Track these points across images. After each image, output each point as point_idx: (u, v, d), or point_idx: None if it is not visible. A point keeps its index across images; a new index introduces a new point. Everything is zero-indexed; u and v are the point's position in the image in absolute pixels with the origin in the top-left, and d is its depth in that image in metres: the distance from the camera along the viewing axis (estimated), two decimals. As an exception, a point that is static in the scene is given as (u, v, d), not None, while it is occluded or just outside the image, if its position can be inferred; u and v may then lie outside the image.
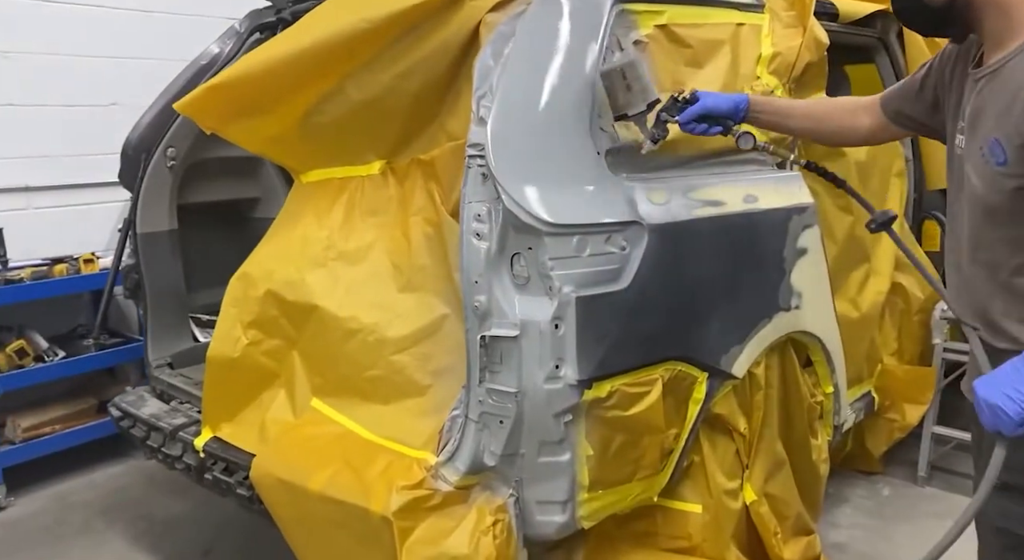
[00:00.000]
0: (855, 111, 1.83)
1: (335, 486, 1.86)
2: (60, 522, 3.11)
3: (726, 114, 1.87)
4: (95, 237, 3.77)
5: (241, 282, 2.31)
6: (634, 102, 1.81)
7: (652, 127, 1.87)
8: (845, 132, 1.86)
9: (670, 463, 2.00)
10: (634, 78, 1.80)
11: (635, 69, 1.80)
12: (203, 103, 2.20)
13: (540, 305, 1.74)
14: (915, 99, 1.69)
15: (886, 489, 3.09)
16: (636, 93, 1.81)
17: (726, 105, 1.86)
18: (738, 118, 1.89)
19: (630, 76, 1.81)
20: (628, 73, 1.81)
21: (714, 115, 1.86)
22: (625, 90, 1.82)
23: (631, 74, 1.80)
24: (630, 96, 1.82)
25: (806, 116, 1.90)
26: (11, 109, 3.58)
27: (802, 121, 1.90)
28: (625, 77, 1.81)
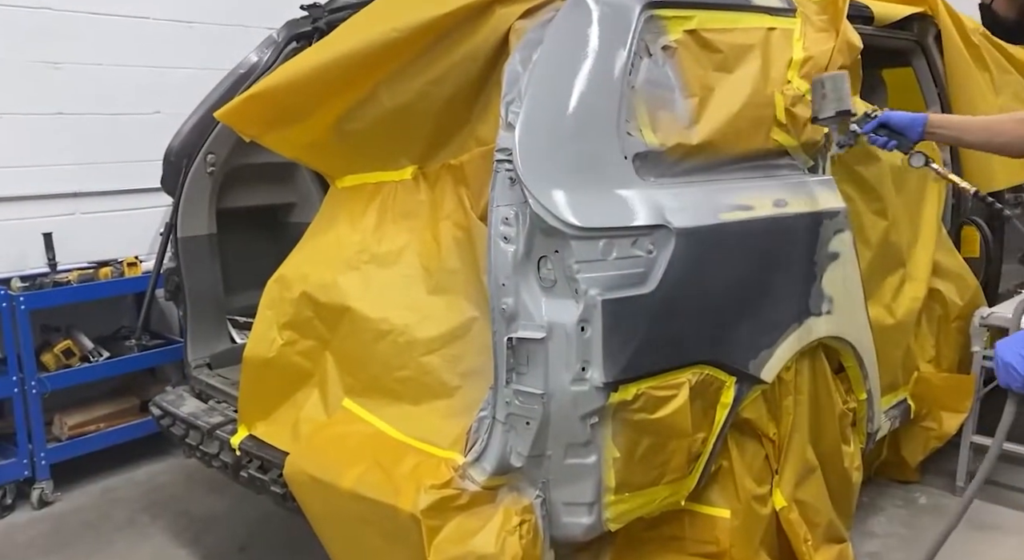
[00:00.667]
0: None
1: (365, 484, 1.89)
2: (104, 517, 3.21)
3: (904, 125, 2.10)
4: (139, 241, 3.88)
5: (277, 284, 2.37)
6: (825, 108, 2.12)
7: (842, 134, 2.18)
8: (1020, 144, 1.99)
9: (698, 467, 2.00)
10: (832, 89, 2.11)
11: (835, 81, 2.12)
12: (242, 111, 2.26)
13: (566, 308, 1.75)
14: None
15: (923, 498, 3.03)
16: (830, 101, 2.11)
17: (905, 119, 2.11)
18: (916, 132, 2.09)
19: (828, 86, 2.11)
20: (827, 84, 2.12)
21: (892, 125, 2.11)
22: (821, 97, 2.12)
23: (830, 85, 2.11)
24: (824, 103, 2.12)
25: (982, 129, 2.07)
26: (61, 118, 3.71)
27: (978, 135, 2.07)
28: (824, 86, 2.12)
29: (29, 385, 3.27)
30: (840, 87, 2.11)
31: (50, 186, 3.69)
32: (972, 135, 2.09)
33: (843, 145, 2.22)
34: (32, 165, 3.63)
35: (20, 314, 3.22)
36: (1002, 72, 3.26)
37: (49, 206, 3.68)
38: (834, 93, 2.11)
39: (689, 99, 2.02)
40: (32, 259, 3.60)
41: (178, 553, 2.90)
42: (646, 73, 1.96)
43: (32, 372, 3.28)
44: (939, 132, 2.11)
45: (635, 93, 1.93)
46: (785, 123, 2.19)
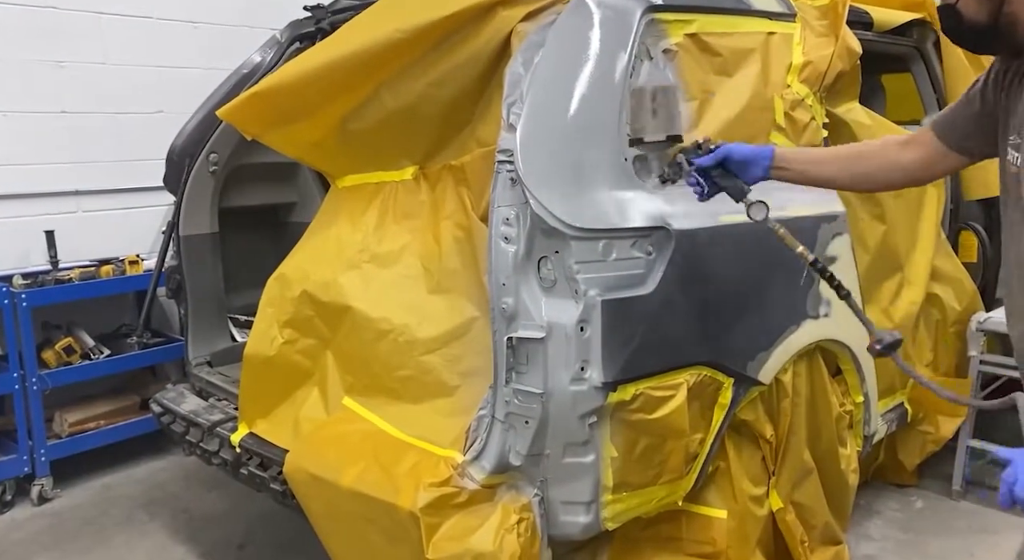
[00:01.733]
0: (895, 145, 1.67)
1: (364, 482, 1.91)
2: (103, 514, 3.22)
3: (746, 158, 1.70)
4: (140, 239, 3.90)
5: (278, 283, 2.38)
6: (652, 128, 1.74)
7: (667, 165, 1.80)
8: (886, 169, 1.67)
9: (695, 468, 2.01)
10: (663, 104, 1.72)
11: (667, 95, 1.73)
12: (244, 110, 2.28)
13: (566, 308, 1.77)
14: (976, 117, 1.56)
15: (919, 502, 3.04)
16: (660, 120, 1.74)
17: (747, 151, 1.71)
18: (759, 169, 1.70)
19: (659, 100, 1.73)
20: (659, 96, 1.73)
21: (734, 159, 1.70)
22: (650, 114, 1.74)
23: (661, 98, 1.73)
24: (653, 121, 1.74)
25: (840, 158, 1.73)
26: (64, 116, 3.73)
27: (836, 164, 1.71)
28: (654, 99, 1.73)
29: (30, 382, 3.28)
30: (672, 103, 1.73)
31: (52, 184, 3.70)
32: (827, 166, 1.72)
33: (666, 180, 1.81)
34: (35, 163, 3.65)
35: (22, 311, 3.24)
36: (1001, 78, 3.28)
37: (51, 204, 3.70)
38: (666, 109, 1.73)
39: (689, 102, 2.04)
40: (34, 256, 3.62)
41: (177, 550, 2.91)
42: (647, 76, 1.97)
43: (33, 369, 3.29)
44: (790, 168, 1.71)
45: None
46: (784, 127, 2.21)
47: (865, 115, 2.55)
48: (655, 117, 1.74)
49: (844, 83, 2.44)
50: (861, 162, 1.69)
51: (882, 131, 2.59)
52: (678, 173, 1.77)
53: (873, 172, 1.68)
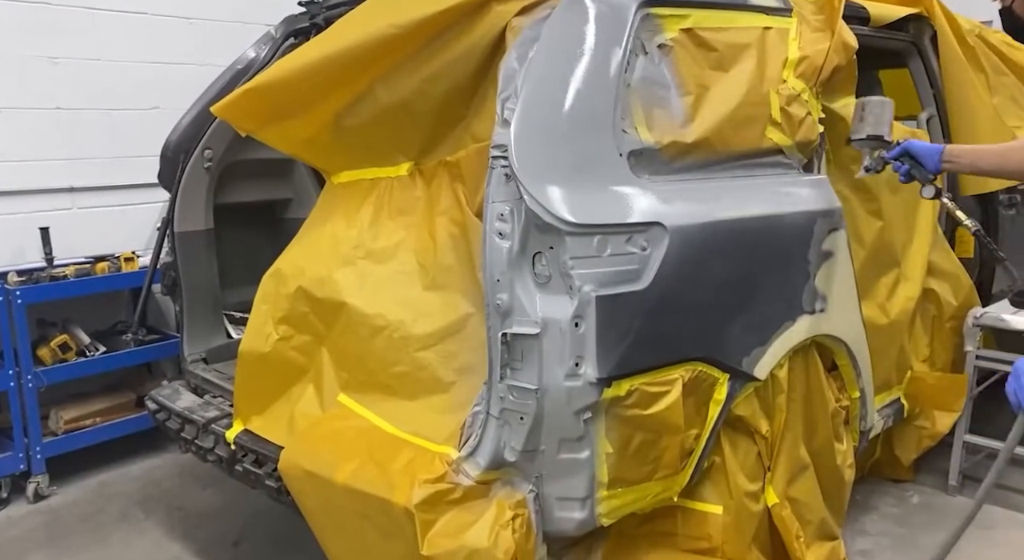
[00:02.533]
0: None
1: (360, 478, 1.90)
2: (99, 511, 3.21)
3: (924, 154, 2.22)
4: (136, 236, 3.89)
5: (273, 279, 2.38)
6: (860, 130, 2.28)
7: (870, 159, 2.33)
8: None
9: (690, 463, 2.01)
10: (871, 113, 2.27)
11: (877, 107, 2.27)
12: (239, 106, 2.27)
13: (561, 304, 1.76)
14: None
15: (915, 497, 3.05)
16: (867, 124, 2.27)
17: (925, 148, 2.25)
18: (933, 162, 2.21)
19: (868, 110, 2.26)
20: (868, 107, 2.27)
21: (913, 153, 2.24)
22: (859, 120, 2.28)
23: (870, 109, 2.27)
24: (860, 125, 2.27)
25: (996, 155, 2.14)
26: (58, 113, 3.72)
27: (991, 161, 2.15)
28: (864, 109, 2.27)
29: (25, 379, 3.27)
30: (880, 113, 2.25)
31: (47, 181, 3.69)
32: (985, 162, 2.16)
33: (869, 170, 2.33)
34: (29, 159, 3.63)
35: (16, 308, 3.23)
36: (997, 73, 3.28)
37: (46, 200, 3.69)
38: (873, 118, 2.25)
39: (684, 97, 2.03)
40: (29, 253, 3.60)
41: (172, 547, 2.91)
42: (642, 71, 1.97)
43: (28, 366, 3.28)
44: (955, 162, 2.19)
45: (631, 91, 1.93)
46: (780, 122, 2.20)
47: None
48: (863, 122, 2.30)
49: (840, 78, 2.43)
50: (1011, 163, 2.07)
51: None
52: (881, 164, 2.32)
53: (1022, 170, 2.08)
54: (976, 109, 3.04)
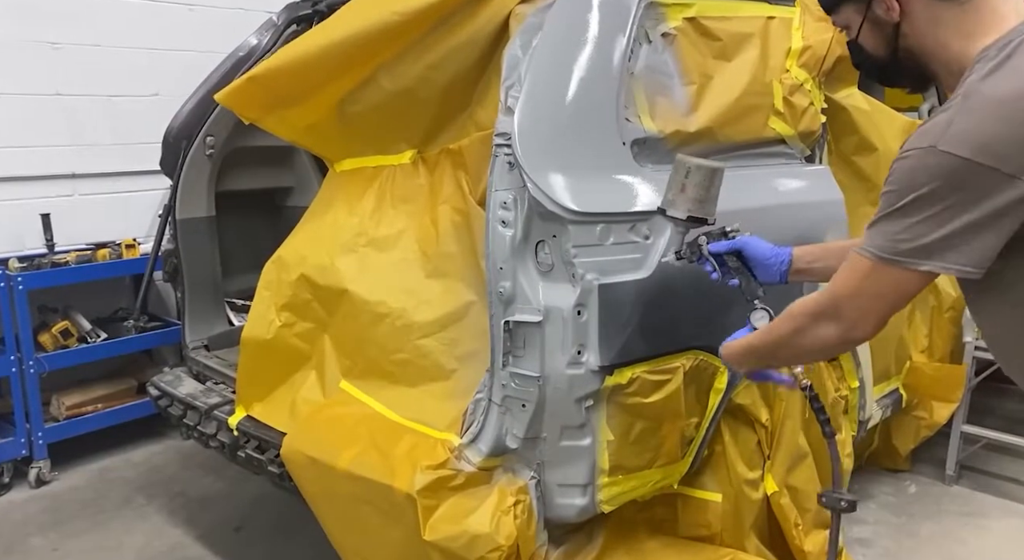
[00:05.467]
0: None
1: (361, 464, 1.91)
2: (101, 497, 3.23)
3: (761, 257, 1.67)
4: (137, 223, 3.89)
5: (275, 266, 2.38)
6: (675, 203, 1.68)
7: (686, 244, 1.75)
8: None
9: (690, 451, 2.02)
10: (694, 185, 1.65)
11: (702, 175, 1.64)
12: (242, 94, 2.27)
13: (563, 292, 1.77)
14: None
15: (913, 487, 3.07)
16: (686, 198, 1.67)
17: (764, 250, 1.68)
18: (775, 273, 1.68)
19: (691, 180, 1.65)
20: (691, 175, 1.65)
21: (747, 253, 1.68)
22: (679, 188, 1.67)
23: (693, 179, 1.65)
24: (680, 195, 1.67)
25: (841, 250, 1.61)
26: (59, 99, 3.71)
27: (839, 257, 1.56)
28: (688, 175, 1.65)
29: (27, 365, 3.28)
30: (707, 186, 1.65)
31: (48, 167, 3.69)
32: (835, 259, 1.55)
33: (680, 258, 1.75)
34: (30, 145, 3.63)
35: (18, 294, 3.23)
36: (1000, 65, 3.27)
37: (47, 187, 3.69)
38: (696, 191, 1.65)
39: (688, 86, 2.03)
40: (30, 240, 3.60)
41: (174, 532, 2.93)
42: (645, 60, 1.97)
43: (30, 352, 3.29)
44: (807, 267, 1.66)
45: (634, 80, 1.94)
46: (783, 112, 2.20)
47: (864, 101, 2.55)
48: (683, 193, 1.67)
49: (843, 68, 2.43)
50: None
51: (880, 117, 2.60)
52: (696, 254, 1.73)
53: None
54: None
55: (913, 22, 1.26)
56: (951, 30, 1.23)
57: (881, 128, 2.57)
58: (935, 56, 1.27)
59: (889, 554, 2.65)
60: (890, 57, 1.33)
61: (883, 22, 1.29)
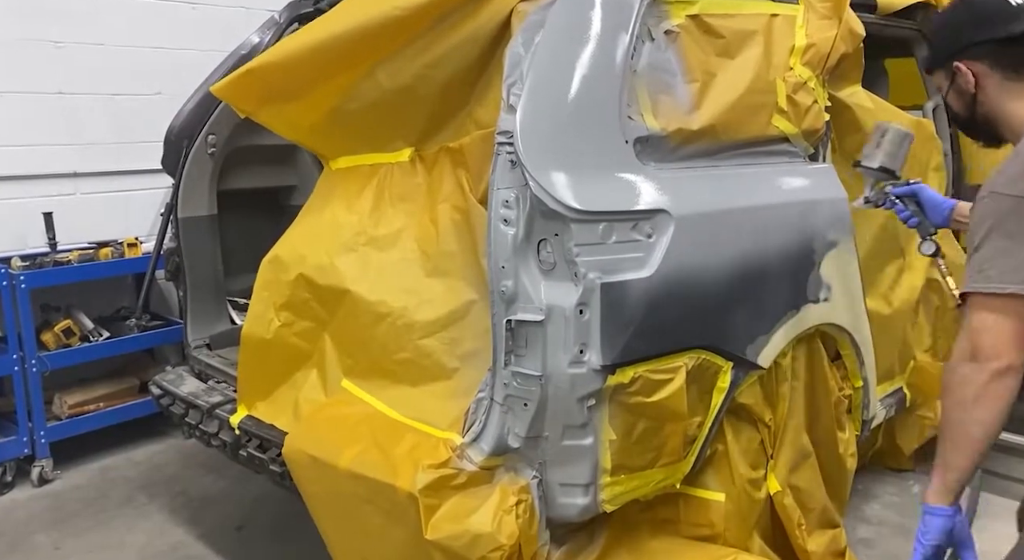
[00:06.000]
0: None
1: (363, 463, 1.91)
2: (103, 495, 3.23)
3: (932, 204, 2.01)
4: (139, 222, 3.89)
5: (272, 265, 2.37)
6: (872, 157, 2.04)
7: (873, 191, 2.08)
8: None
9: (693, 451, 2.01)
10: (889, 142, 2.03)
11: (896, 136, 2.02)
12: (238, 87, 2.26)
13: (565, 291, 1.76)
14: None
15: (916, 486, 3.05)
16: (882, 153, 2.03)
17: (935, 198, 2.03)
18: (940, 216, 2.01)
19: (887, 139, 2.03)
20: (888, 135, 2.03)
21: (920, 199, 2.03)
22: (875, 145, 2.04)
23: (890, 138, 2.03)
24: (875, 151, 2.04)
25: None
26: (61, 97, 3.71)
27: None
28: (883, 136, 2.03)
29: (29, 364, 3.28)
30: (898, 145, 2.04)
31: (50, 166, 3.69)
32: None
33: (869, 202, 2.10)
34: (32, 144, 3.63)
35: (20, 293, 3.24)
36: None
37: (49, 186, 3.69)
38: (890, 148, 2.03)
39: (691, 84, 2.02)
40: (32, 238, 3.61)
41: (175, 531, 2.93)
42: (648, 57, 1.96)
43: (32, 351, 3.29)
44: (964, 221, 1.93)
45: (637, 77, 1.92)
46: (786, 110, 2.19)
47: (868, 99, 2.54)
48: (878, 148, 2.04)
49: (847, 66, 2.42)
50: None
51: (884, 115, 2.58)
52: (882, 199, 2.07)
53: None
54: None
55: (987, 93, 1.56)
56: (1017, 102, 1.53)
57: (885, 126, 2.56)
58: (1004, 121, 1.56)
59: (893, 554, 2.64)
60: (969, 118, 1.63)
61: (963, 90, 1.59)
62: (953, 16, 1.64)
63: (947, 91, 1.63)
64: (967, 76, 1.56)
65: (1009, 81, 1.53)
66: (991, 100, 1.56)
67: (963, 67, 1.57)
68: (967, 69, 1.56)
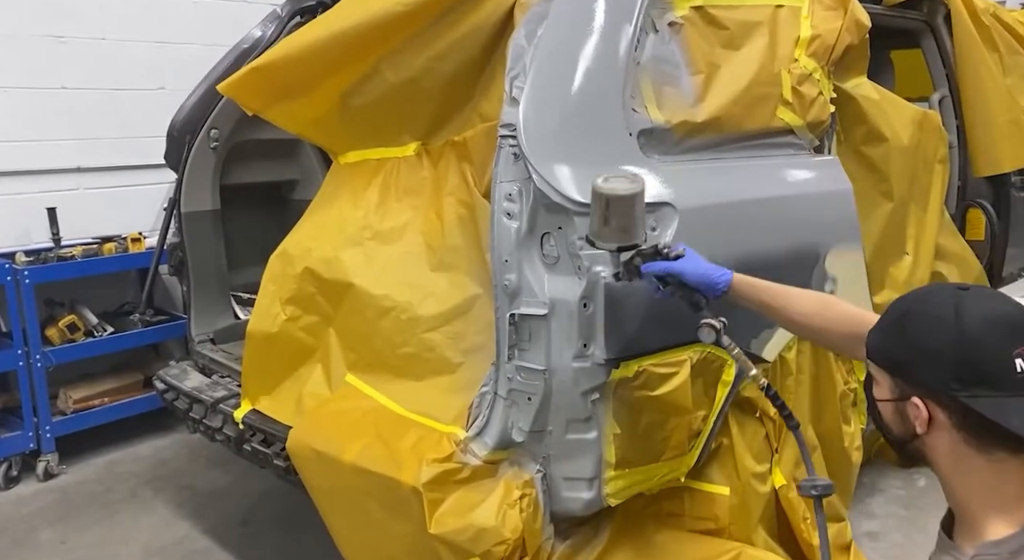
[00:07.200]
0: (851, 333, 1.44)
1: (367, 458, 1.91)
2: (108, 490, 3.24)
3: (699, 282, 1.63)
4: (143, 217, 3.89)
5: (280, 260, 2.37)
6: (602, 236, 1.61)
7: (622, 265, 1.67)
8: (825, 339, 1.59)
9: (698, 445, 2.00)
10: (616, 215, 1.57)
11: (621, 204, 1.56)
12: (245, 84, 2.25)
13: (569, 284, 1.75)
14: None
15: (922, 480, 3.05)
16: (611, 230, 1.60)
17: (701, 274, 1.63)
18: (715, 290, 1.64)
19: (612, 211, 1.57)
20: (611, 206, 1.57)
21: (686, 279, 1.63)
22: (602, 221, 1.59)
23: (614, 210, 1.57)
24: (604, 228, 1.60)
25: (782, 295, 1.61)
26: (64, 92, 3.70)
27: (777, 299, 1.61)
28: (608, 208, 1.57)
29: (34, 359, 3.29)
30: (628, 213, 1.57)
31: (54, 161, 3.69)
32: (770, 298, 1.61)
33: (620, 279, 1.69)
34: (35, 139, 3.63)
35: (25, 288, 3.24)
36: (1011, 53, 3.24)
37: (53, 181, 3.69)
38: (619, 220, 1.58)
39: (695, 76, 2.01)
40: (36, 234, 3.61)
41: (180, 526, 2.93)
42: (652, 49, 1.95)
43: (37, 346, 3.30)
44: (741, 295, 1.64)
45: (640, 69, 1.91)
46: (791, 102, 2.17)
47: (873, 90, 2.52)
48: (606, 226, 1.59)
49: (852, 57, 2.40)
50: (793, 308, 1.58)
51: (889, 107, 2.57)
52: (633, 274, 1.66)
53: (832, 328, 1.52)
54: (989, 90, 3.01)
55: (935, 443, 1.13)
56: (973, 485, 1.11)
57: (891, 118, 2.54)
58: (950, 490, 1.15)
59: (898, 548, 2.63)
60: (900, 443, 1.21)
61: (906, 418, 1.15)
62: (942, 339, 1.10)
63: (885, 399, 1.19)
64: (921, 413, 1.12)
65: (968, 449, 1.10)
66: (939, 456, 1.14)
67: (920, 404, 1.12)
68: (923, 407, 1.12)
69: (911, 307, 1.18)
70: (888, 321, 1.21)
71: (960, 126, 3.07)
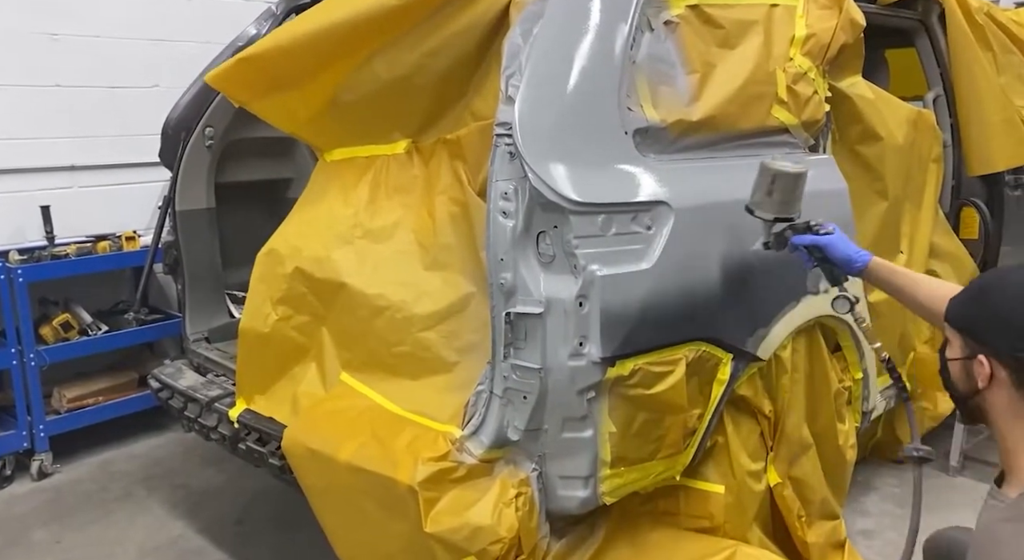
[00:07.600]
0: None
1: (362, 457, 1.90)
2: (103, 489, 3.23)
3: (841, 259, 1.84)
4: (137, 215, 3.87)
5: (268, 258, 2.36)
6: (763, 206, 1.85)
7: (773, 235, 1.89)
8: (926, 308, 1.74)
9: (693, 443, 2.01)
10: (780, 190, 1.82)
11: (787, 181, 1.82)
12: (233, 75, 2.24)
13: (565, 283, 1.75)
14: None
15: (916, 478, 3.05)
16: (773, 202, 1.84)
17: (842, 252, 1.83)
18: (852, 270, 1.85)
19: (778, 186, 1.82)
20: (778, 182, 1.82)
21: (828, 254, 1.84)
22: (766, 193, 1.83)
23: (779, 185, 1.82)
24: (766, 200, 1.84)
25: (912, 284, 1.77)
26: (58, 90, 3.69)
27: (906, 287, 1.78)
28: (773, 182, 1.82)
29: (28, 357, 3.28)
30: (791, 190, 1.83)
31: (48, 159, 3.67)
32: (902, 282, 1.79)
33: (768, 247, 1.91)
34: (30, 137, 3.62)
35: (18, 287, 3.23)
36: (1005, 52, 3.24)
37: (47, 179, 3.67)
38: (781, 195, 1.82)
39: (690, 75, 2.01)
40: (30, 232, 3.60)
41: (175, 525, 2.93)
42: (647, 48, 1.95)
43: (31, 345, 3.29)
44: (877, 277, 1.83)
45: (636, 68, 1.91)
46: (786, 101, 2.17)
47: (868, 89, 2.52)
48: (769, 197, 1.84)
49: (847, 56, 2.40)
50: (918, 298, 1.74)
51: (884, 106, 2.57)
52: (782, 244, 1.88)
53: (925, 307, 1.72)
54: (983, 89, 3.01)
55: (995, 399, 1.33)
56: None
57: (886, 117, 2.55)
58: (1004, 445, 1.34)
59: (893, 545, 2.64)
60: (964, 397, 1.40)
61: (971, 376, 1.35)
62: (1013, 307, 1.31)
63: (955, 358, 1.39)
64: (984, 370, 1.31)
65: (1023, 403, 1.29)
66: (996, 409, 1.33)
67: (984, 361, 1.31)
68: (987, 365, 1.31)
69: (990, 280, 1.44)
70: (968, 291, 1.42)
71: (954, 125, 3.08)
